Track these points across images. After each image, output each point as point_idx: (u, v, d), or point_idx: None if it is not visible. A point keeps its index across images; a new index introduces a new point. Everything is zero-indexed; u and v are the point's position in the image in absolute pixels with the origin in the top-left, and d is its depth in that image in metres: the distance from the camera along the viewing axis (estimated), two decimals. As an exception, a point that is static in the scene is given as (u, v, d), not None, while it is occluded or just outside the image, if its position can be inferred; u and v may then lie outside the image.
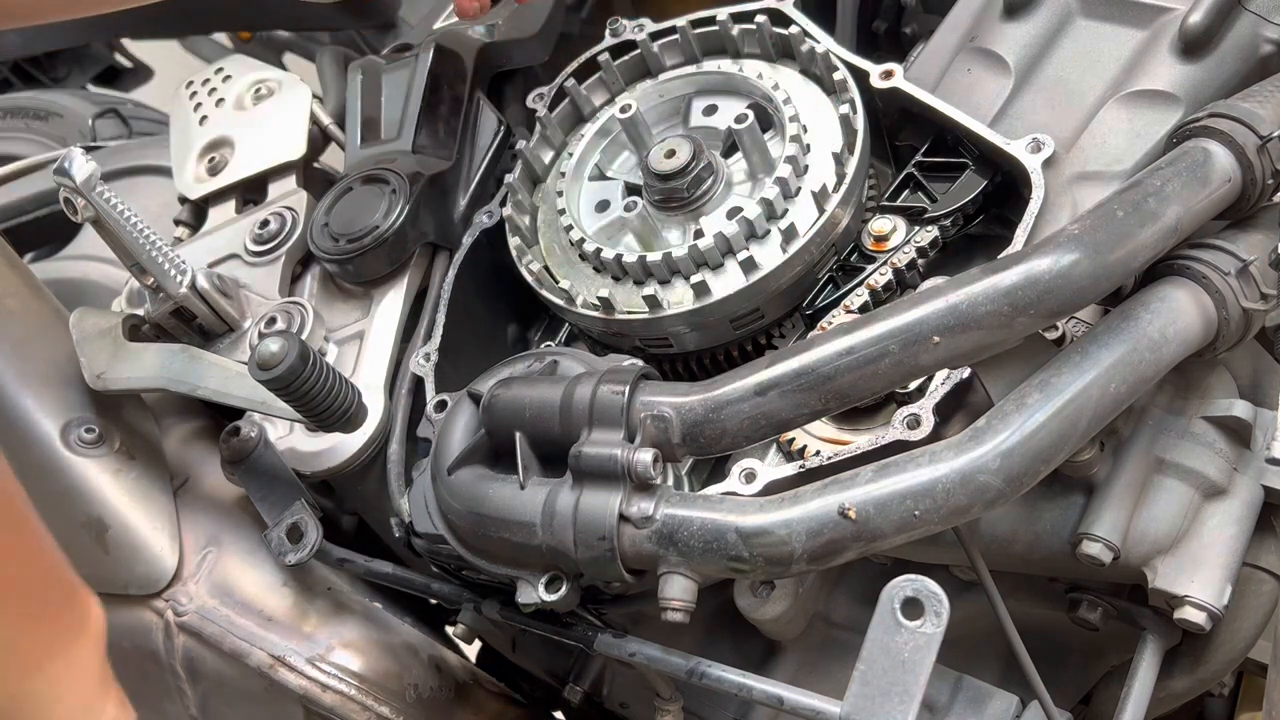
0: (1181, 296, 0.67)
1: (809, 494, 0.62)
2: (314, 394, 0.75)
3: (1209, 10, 0.75)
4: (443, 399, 0.84)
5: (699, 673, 0.74)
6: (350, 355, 0.93)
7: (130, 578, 0.88)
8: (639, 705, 1.03)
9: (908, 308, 0.62)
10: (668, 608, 0.64)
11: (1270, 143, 0.68)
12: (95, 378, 0.87)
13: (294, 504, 0.86)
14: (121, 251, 0.86)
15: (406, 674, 0.93)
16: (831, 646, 0.91)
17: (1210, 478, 0.72)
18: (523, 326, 0.99)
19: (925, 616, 0.59)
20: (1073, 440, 0.62)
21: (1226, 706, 0.97)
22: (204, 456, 0.95)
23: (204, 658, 0.89)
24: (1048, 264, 0.61)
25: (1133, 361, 0.63)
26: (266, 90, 1.09)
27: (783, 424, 0.65)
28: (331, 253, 0.93)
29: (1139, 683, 0.75)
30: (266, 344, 0.73)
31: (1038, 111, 0.80)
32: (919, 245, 0.78)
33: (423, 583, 0.89)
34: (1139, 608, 0.77)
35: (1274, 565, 0.74)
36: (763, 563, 0.62)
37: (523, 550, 0.68)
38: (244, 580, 0.90)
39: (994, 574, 0.73)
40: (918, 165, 0.82)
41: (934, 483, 0.60)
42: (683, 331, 0.79)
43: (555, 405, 0.68)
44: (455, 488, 0.71)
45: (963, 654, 0.86)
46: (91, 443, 0.87)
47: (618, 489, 0.64)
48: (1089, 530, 0.70)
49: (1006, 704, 0.79)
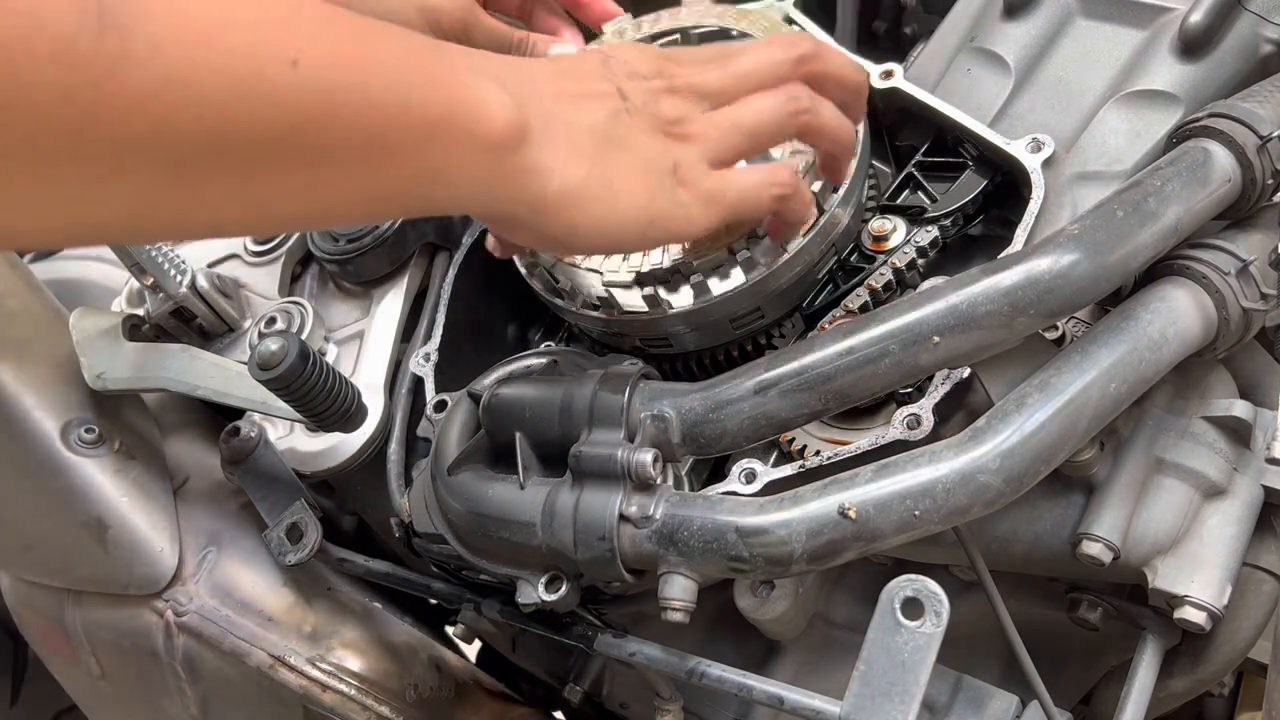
0: (1181, 296, 0.67)
1: (809, 494, 0.62)
2: (314, 394, 0.75)
3: (1209, 10, 0.75)
4: (443, 399, 0.84)
5: (699, 673, 0.74)
6: (350, 355, 0.93)
7: (130, 578, 0.88)
8: (639, 705, 1.03)
9: (908, 308, 0.62)
10: (668, 608, 0.63)
11: (1270, 143, 0.68)
12: (95, 378, 0.87)
13: (294, 504, 0.86)
14: (121, 251, 0.87)
15: (406, 674, 0.94)
16: (831, 646, 0.91)
17: (1210, 478, 0.72)
18: (523, 326, 0.99)
19: (925, 616, 0.59)
20: (1073, 440, 0.62)
21: (1226, 706, 0.97)
22: (204, 456, 0.95)
23: (204, 658, 0.89)
24: (1048, 264, 0.61)
25: (1133, 361, 0.63)
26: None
27: (782, 424, 0.65)
28: (331, 253, 0.93)
29: (1139, 683, 0.75)
30: (266, 344, 0.73)
31: (1038, 111, 0.80)
32: (919, 245, 0.78)
33: (423, 583, 0.89)
34: (1139, 608, 0.77)
35: (1274, 565, 0.74)
36: (763, 563, 0.62)
37: (523, 550, 0.68)
38: (244, 580, 0.90)
39: (994, 574, 0.73)
40: (918, 165, 0.82)
41: (934, 483, 0.60)
42: (683, 331, 0.79)
43: (555, 405, 0.68)
44: (455, 488, 0.71)
45: (963, 654, 0.86)
46: (91, 443, 0.87)
47: (617, 489, 0.65)
48: (1089, 530, 0.70)
49: (1006, 704, 0.79)
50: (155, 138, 0.42)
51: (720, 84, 0.66)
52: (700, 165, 0.64)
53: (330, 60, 0.47)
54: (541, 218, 0.59)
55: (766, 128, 0.66)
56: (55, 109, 0.39)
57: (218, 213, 0.48)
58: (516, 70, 0.59)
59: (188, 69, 0.42)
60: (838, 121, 0.69)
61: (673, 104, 0.64)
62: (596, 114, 0.60)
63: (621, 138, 0.61)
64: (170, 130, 0.42)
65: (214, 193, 0.46)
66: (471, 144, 0.54)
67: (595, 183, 0.59)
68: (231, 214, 0.49)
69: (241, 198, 0.47)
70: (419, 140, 0.52)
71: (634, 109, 0.62)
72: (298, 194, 0.49)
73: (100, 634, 0.92)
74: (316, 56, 0.47)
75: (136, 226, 0.48)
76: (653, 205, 0.61)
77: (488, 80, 0.55)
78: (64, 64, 0.38)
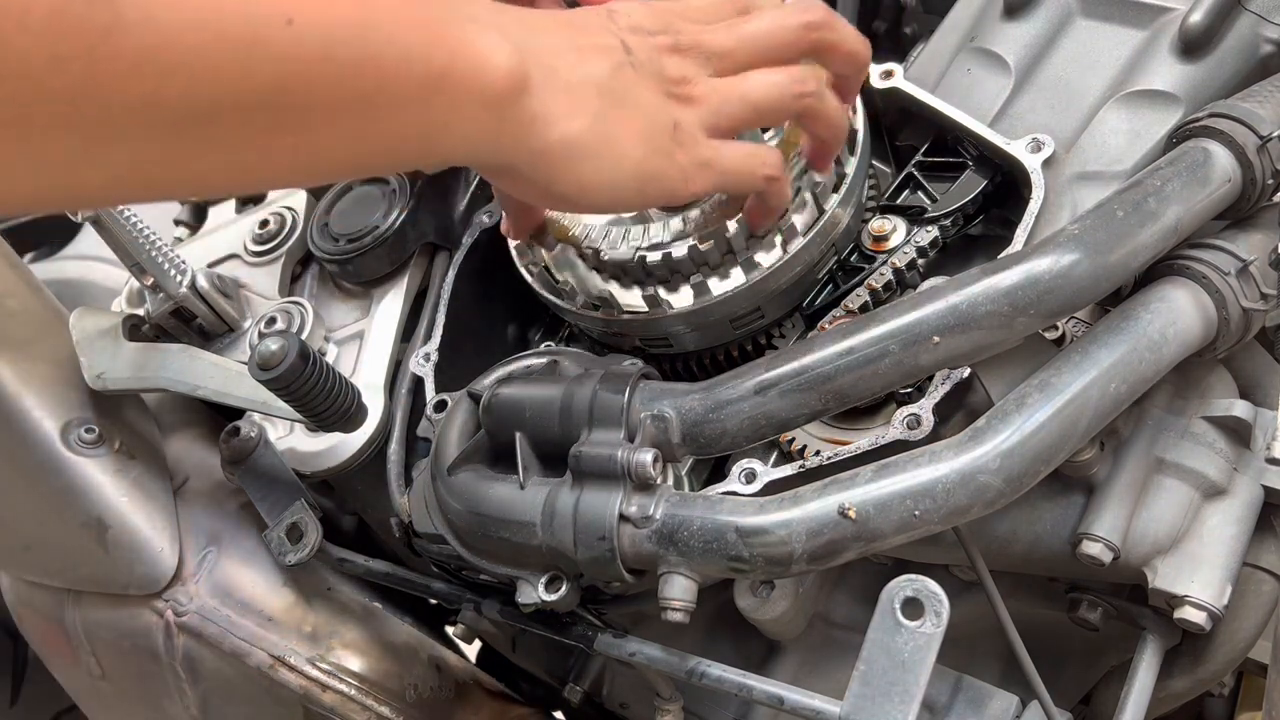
0: (1181, 296, 0.67)
1: (809, 494, 0.62)
2: (314, 394, 0.75)
3: (1209, 10, 0.75)
4: (443, 399, 0.84)
5: (699, 673, 0.74)
6: (350, 355, 0.93)
7: (130, 578, 0.88)
8: (639, 705, 1.03)
9: (908, 308, 0.62)
10: (668, 608, 0.64)
11: (1270, 143, 0.68)
12: (95, 378, 0.87)
13: (294, 504, 0.86)
14: (121, 251, 0.87)
15: (406, 674, 0.94)
16: (831, 646, 0.91)
17: (1210, 478, 0.72)
18: (523, 326, 0.99)
19: (925, 616, 0.59)
20: (1073, 440, 0.62)
21: (1226, 706, 0.97)
22: (204, 456, 0.95)
23: (204, 658, 0.89)
24: (1048, 264, 0.61)
25: (1133, 361, 0.63)
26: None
27: (782, 424, 0.65)
28: (331, 253, 0.93)
29: (1139, 683, 0.75)
30: (266, 344, 0.73)
31: (1038, 111, 0.80)
32: (919, 245, 0.78)
33: (423, 583, 0.89)
34: (1139, 608, 0.77)
35: (1274, 565, 0.74)
36: (763, 563, 0.62)
37: (523, 550, 0.68)
38: (244, 580, 0.90)
39: (994, 574, 0.73)
40: (918, 165, 0.82)
41: (934, 483, 0.60)
42: (683, 331, 0.79)
43: (555, 405, 0.69)
44: (455, 488, 0.71)
45: (963, 654, 0.86)
46: (91, 443, 0.87)
47: (617, 489, 0.65)
48: (1089, 530, 0.70)
49: (1006, 704, 0.79)
50: (150, 103, 0.42)
51: (727, 45, 0.64)
52: (699, 130, 0.63)
53: (327, 16, 0.47)
54: (541, 169, 0.58)
55: (770, 103, 0.65)
56: (48, 78, 0.38)
57: (212, 174, 0.48)
58: (519, 21, 0.58)
59: (179, 32, 0.41)
60: (839, 111, 0.69)
61: (677, 63, 0.63)
62: (599, 67, 0.59)
63: (623, 92, 0.60)
64: (165, 95, 0.42)
65: (210, 154, 0.46)
66: (473, 95, 0.53)
67: (595, 136, 0.58)
68: (227, 175, 0.48)
69: (239, 158, 0.47)
70: (420, 93, 0.51)
71: (638, 64, 0.61)
72: (296, 151, 0.49)
73: (100, 634, 0.92)
74: (312, 12, 0.46)
75: (127, 190, 0.48)
76: (649, 162, 0.61)
77: (489, 30, 0.54)
78: (55, 33, 0.38)
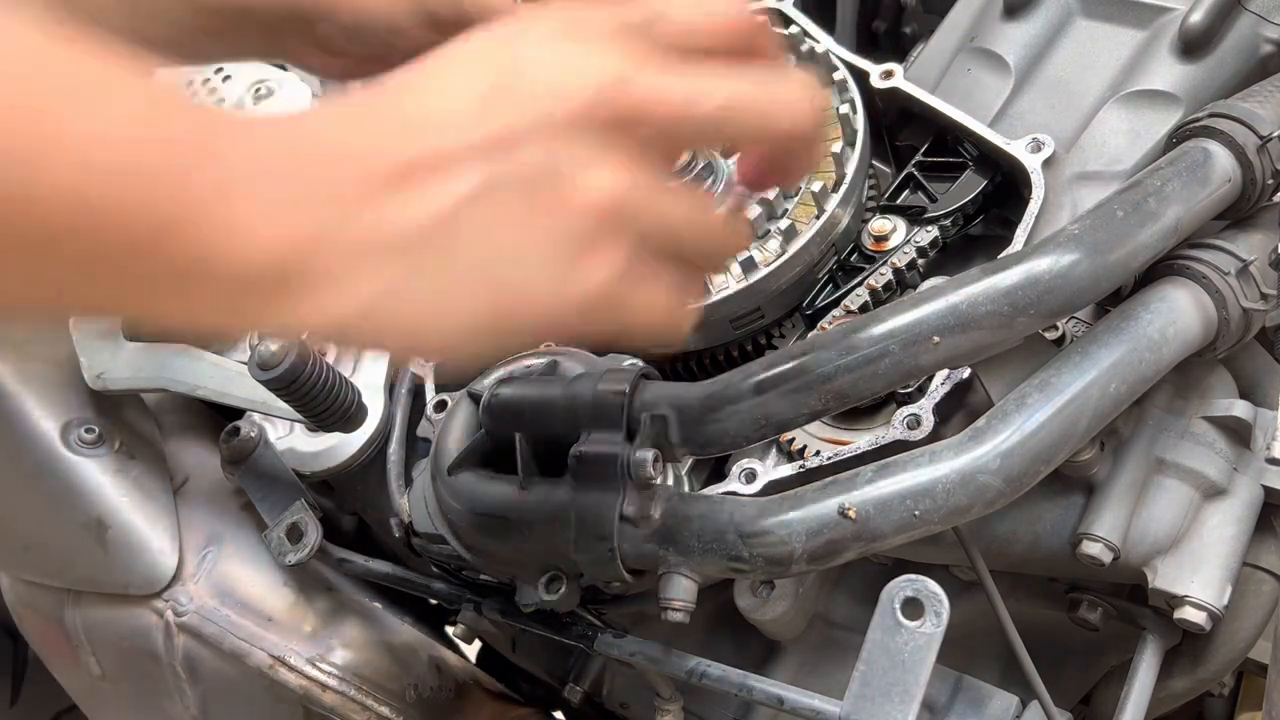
0: (1181, 296, 0.67)
1: (809, 494, 0.62)
2: (314, 394, 0.75)
3: (1209, 10, 0.75)
4: (443, 399, 0.84)
5: (699, 673, 0.74)
6: (350, 355, 0.93)
7: (130, 578, 0.88)
8: (639, 705, 1.03)
9: (908, 308, 0.62)
10: (668, 608, 0.63)
11: (1270, 143, 0.68)
12: (95, 378, 0.87)
13: (294, 504, 0.86)
14: (121, 251, 0.86)
15: (406, 674, 0.93)
16: (831, 646, 0.91)
17: (1210, 478, 0.72)
18: (523, 326, 0.99)
19: (925, 616, 0.59)
20: (1073, 440, 0.62)
21: (1226, 706, 0.97)
22: (204, 456, 0.95)
23: (204, 658, 0.89)
24: (1048, 264, 0.61)
25: (1133, 361, 0.63)
26: (266, 90, 1.09)
27: (782, 424, 0.65)
28: (331, 253, 0.93)
29: (1139, 683, 0.75)
30: (266, 344, 0.73)
31: (1038, 111, 0.80)
32: (919, 245, 0.78)
33: (423, 583, 0.89)
34: (1139, 608, 0.77)
35: (1274, 565, 0.74)
36: (763, 563, 0.62)
37: (523, 550, 0.68)
38: (244, 580, 0.90)
39: (994, 574, 0.73)
40: (918, 165, 0.82)
41: (934, 483, 0.59)
42: (683, 332, 0.79)
43: (555, 405, 0.68)
44: (455, 488, 0.71)
45: (963, 654, 0.86)
46: (91, 443, 0.87)
47: (617, 489, 0.64)
48: (1089, 530, 0.70)
49: (1006, 704, 0.79)
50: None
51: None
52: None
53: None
54: (357, 338, 0.46)
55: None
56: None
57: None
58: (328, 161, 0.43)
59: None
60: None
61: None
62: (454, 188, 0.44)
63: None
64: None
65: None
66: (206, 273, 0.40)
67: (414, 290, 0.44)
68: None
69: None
70: (132, 253, 0.39)
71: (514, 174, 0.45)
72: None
73: (100, 634, 0.92)
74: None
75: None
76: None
77: (241, 197, 0.40)
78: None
